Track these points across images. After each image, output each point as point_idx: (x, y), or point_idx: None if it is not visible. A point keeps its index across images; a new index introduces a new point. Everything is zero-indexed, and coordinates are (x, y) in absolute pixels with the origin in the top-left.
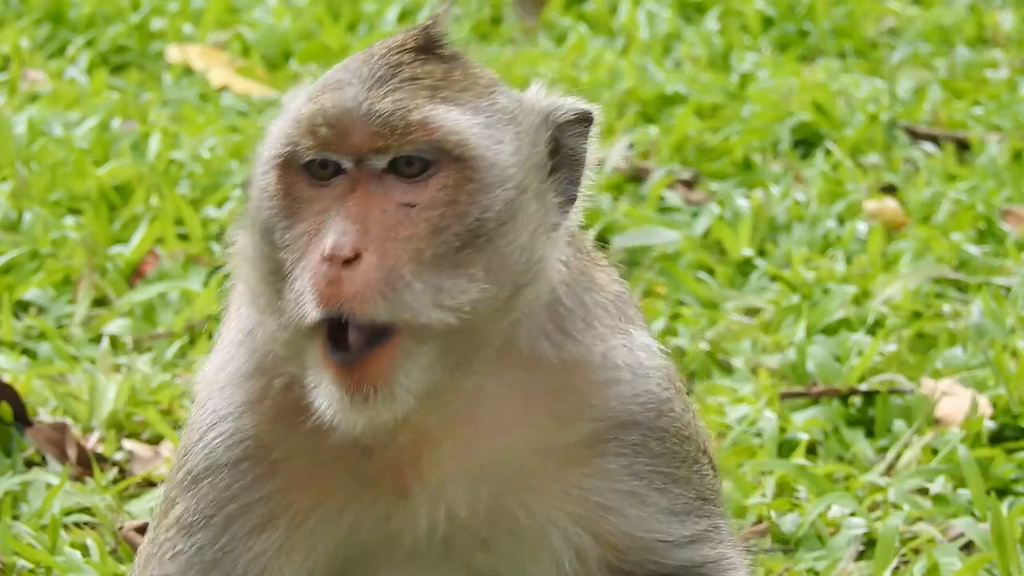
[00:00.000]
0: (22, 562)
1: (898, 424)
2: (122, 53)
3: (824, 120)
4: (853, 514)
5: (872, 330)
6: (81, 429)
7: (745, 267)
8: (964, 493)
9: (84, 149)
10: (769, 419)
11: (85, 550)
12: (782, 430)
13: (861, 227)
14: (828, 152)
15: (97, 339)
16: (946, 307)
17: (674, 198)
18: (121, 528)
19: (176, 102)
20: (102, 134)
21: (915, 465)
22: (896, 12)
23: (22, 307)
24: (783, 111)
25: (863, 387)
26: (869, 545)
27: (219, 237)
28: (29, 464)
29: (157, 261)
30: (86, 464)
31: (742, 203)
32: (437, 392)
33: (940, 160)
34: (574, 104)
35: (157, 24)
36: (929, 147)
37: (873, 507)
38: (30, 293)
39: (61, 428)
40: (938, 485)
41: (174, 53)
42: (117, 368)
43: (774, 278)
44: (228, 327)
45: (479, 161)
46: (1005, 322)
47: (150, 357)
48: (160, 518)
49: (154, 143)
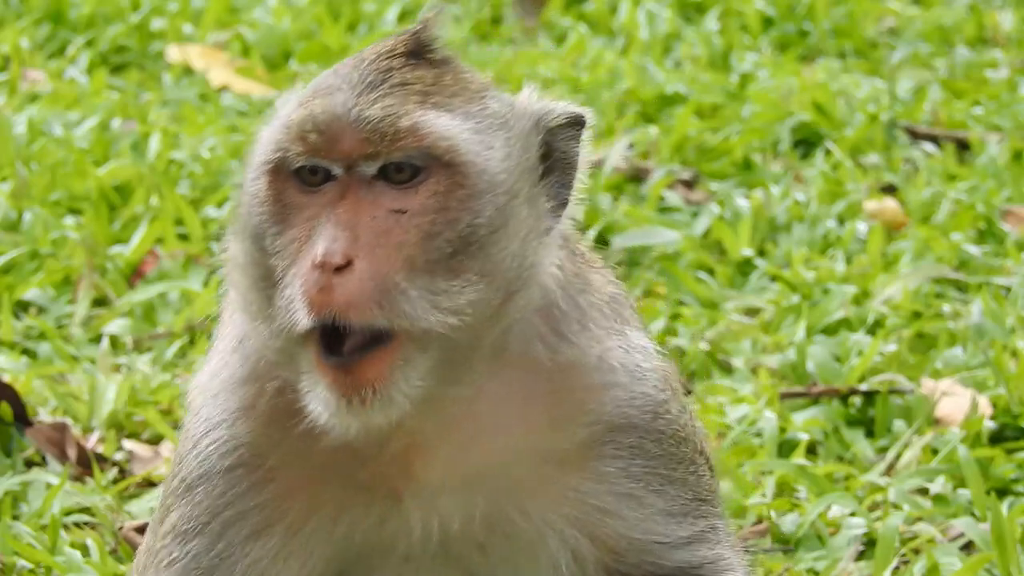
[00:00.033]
0: (22, 562)
1: (898, 424)
2: (122, 53)
3: (824, 120)
4: (853, 514)
5: (872, 330)
6: (81, 429)
7: (745, 267)
8: (964, 493)
9: (84, 149)
10: (769, 419)
11: (85, 550)
12: (782, 430)
13: (861, 227)
14: (828, 152)
15: (97, 339)
16: (946, 307)
17: (674, 198)
18: (121, 528)
19: (176, 102)
20: (102, 134)
21: (915, 465)
22: (896, 12)
23: (22, 307)
24: (783, 111)
25: (863, 387)
26: (869, 545)
27: (219, 237)
28: (29, 464)
29: (157, 261)
30: (86, 464)
31: (742, 203)
32: (429, 399)
33: (940, 160)
34: (566, 108)
35: (157, 24)
36: (929, 147)
37: (873, 507)
38: (30, 293)
39: (61, 428)
40: (938, 485)
41: (174, 53)
42: (117, 368)
43: (774, 278)
44: (221, 334)
45: (469, 167)
46: (1005, 322)
47: (150, 357)
48: (156, 527)
49: (154, 143)
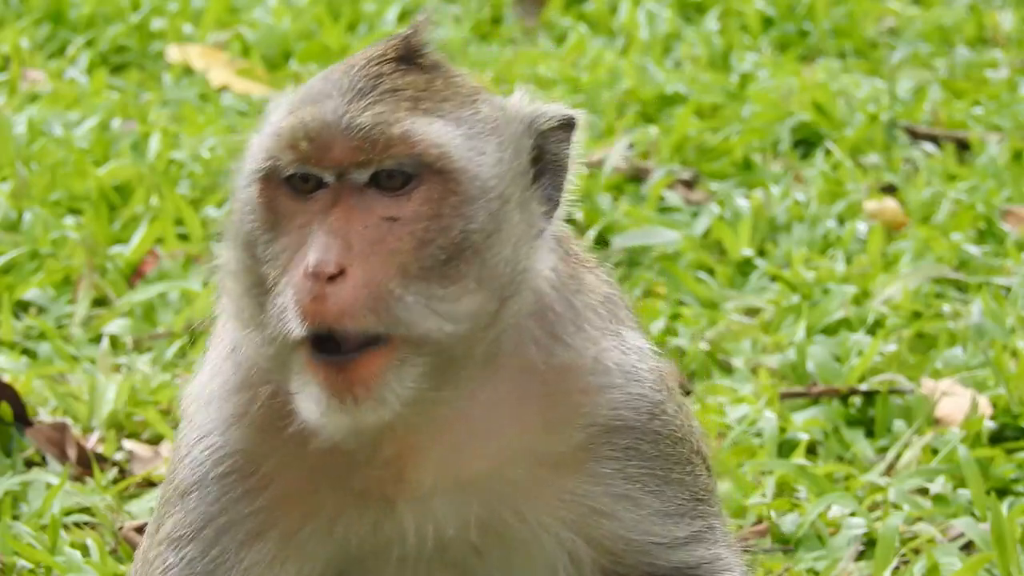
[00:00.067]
0: (22, 562)
1: (898, 424)
2: (122, 53)
3: (824, 120)
4: (853, 514)
5: (872, 330)
6: (81, 429)
7: (745, 267)
8: (964, 493)
9: (84, 149)
10: (769, 419)
11: (85, 550)
12: (782, 430)
13: (861, 227)
14: (828, 152)
15: (97, 339)
16: (946, 307)
17: (674, 198)
18: (121, 528)
19: (176, 102)
20: (102, 134)
21: (915, 465)
22: (896, 12)
23: (22, 307)
24: (783, 111)
25: (863, 387)
26: (869, 545)
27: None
28: (29, 464)
29: (157, 261)
30: (86, 464)
31: (742, 203)
32: (421, 403)
33: (940, 160)
34: (557, 110)
35: (157, 24)
36: (929, 147)
37: (873, 507)
38: (30, 293)
39: (61, 428)
40: (938, 485)
41: (174, 53)
42: (117, 368)
43: (774, 278)
44: (215, 342)
45: (461, 173)
46: (1005, 322)
47: (150, 357)
48: (151, 535)
49: (154, 143)
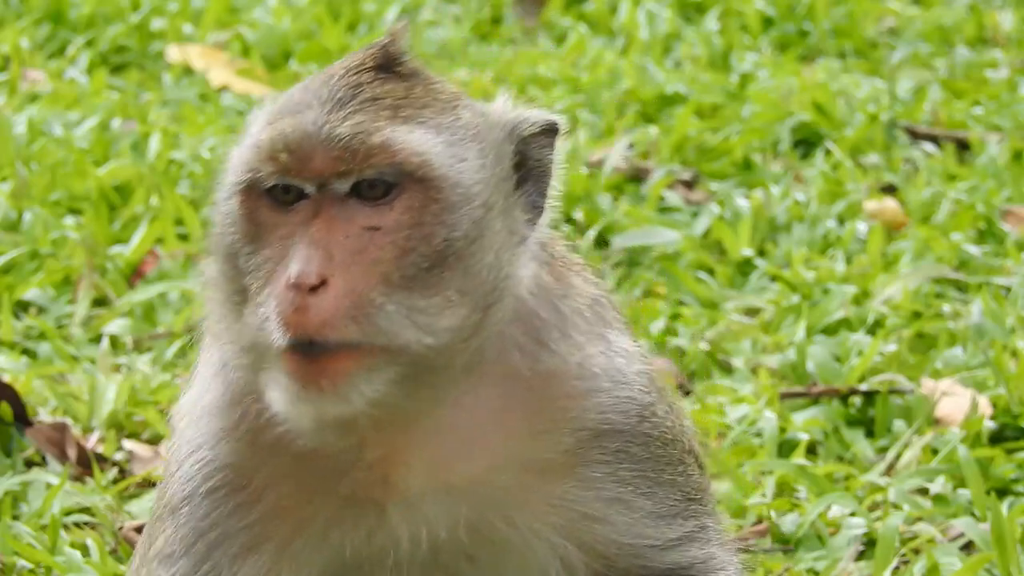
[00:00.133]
0: (22, 562)
1: (898, 424)
2: (122, 53)
3: (824, 120)
4: (853, 514)
5: (872, 330)
6: (81, 429)
7: (745, 267)
8: (964, 493)
9: (84, 149)
10: (769, 419)
11: (85, 550)
12: (782, 430)
13: (861, 227)
14: (828, 152)
15: (97, 339)
16: (946, 307)
17: (674, 198)
18: (121, 528)
19: (176, 102)
20: (102, 134)
21: (915, 465)
22: (896, 12)
23: (22, 307)
24: (783, 111)
25: (863, 387)
26: (869, 545)
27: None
28: (29, 464)
29: (157, 261)
30: (86, 464)
31: (742, 203)
32: (400, 408)
33: (940, 160)
34: (539, 116)
35: (157, 24)
36: (929, 147)
37: (873, 507)
38: (30, 293)
39: (61, 428)
40: (938, 485)
41: (174, 53)
42: (117, 368)
43: (774, 278)
44: (204, 358)
45: (443, 181)
46: (1005, 322)
47: (150, 357)
48: (143, 554)
49: (154, 143)
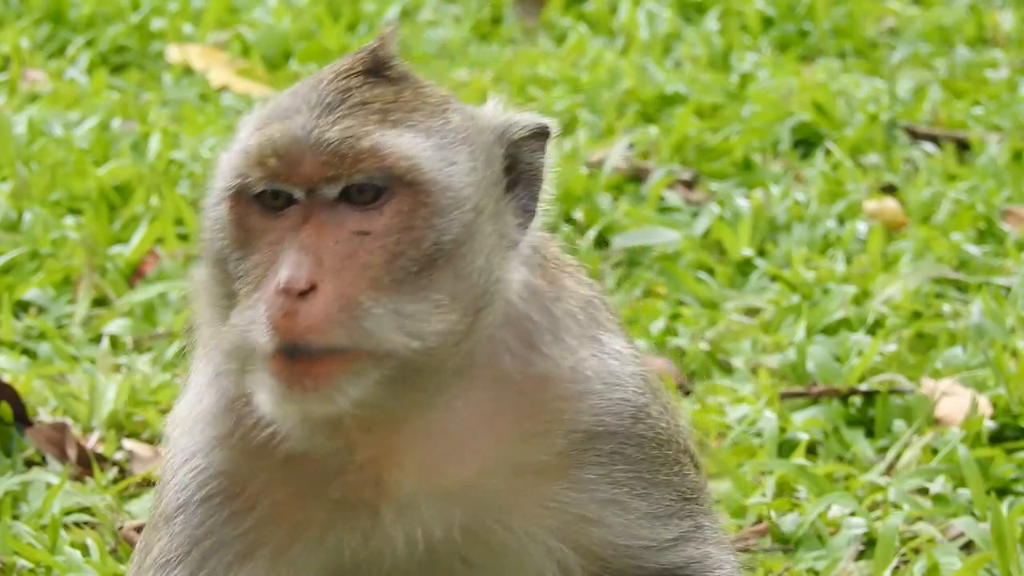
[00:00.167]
0: (22, 562)
1: (898, 424)
2: (122, 53)
3: (824, 120)
4: (853, 514)
5: (872, 330)
6: (81, 429)
7: (745, 267)
8: (964, 493)
9: (84, 149)
10: (769, 419)
11: (85, 550)
12: (782, 430)
13: (861, 227)
14: (828, 152)
15: (97, 339)
16: (946, 307)
17: (674, 198)
18: (121, 528)
19: (176, 102)
20: (102, 134)
21: (915, 465)
22: (896, 12)
23: (22, 307)
24: (783, 111)
25: (863, 387)
26: (869, 545)
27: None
28: (29, 464)
29: (157, 261)
30: (86, 464)
31: (742, 203)
32: (388, 409)
33: (940, 160)
34: (529, 119)
35: (157, 24)
36: (929, 147)
37: (873, 507)
38: (30, 293)
39: (61, 428)
40: (938, 485)
41: (174, 53)
42: (117, 368)
43: (774, 278)
44: (198, 367)
45: (432, 185)
46: (1005, 322)
47: (150, 357)
48: (139, 564)
49: (154, 143)
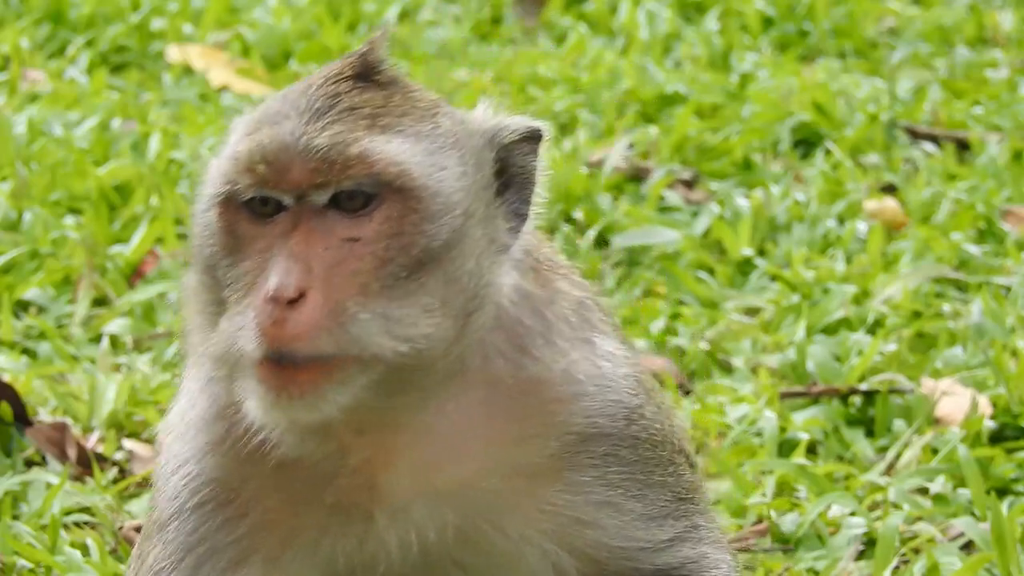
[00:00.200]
0: (22, 562)
1: (898, 424)
2: (122, 53)
3: (824, 120)
4: (853, 514)
5: (872, 330)
6: (81, 429)
7: (745, 267)
8: (964, 493)
9: (84, 149)
10: (769, 419)
11: (85, 550)
12: (782, 430)
13: (861, 227)
14: (828, 152)
15: (97, 339)
16: (946, 307)
17: (674, 198)
18: (121, 528)
19: (176, 102)
20: (102, 134)
21: (915, 465)
22: (896, 12)
23: (22, 307)
24: (783, 111)
25: (863, 387)
26: (869, 545)
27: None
28: (29, 464)
29: (157, 261)
30: (86, 464)
31: (742, 203)
32: (378, 413)
33: (940, 160)
34: (520, 123)
35: (157, 24)
36: (929, 147)
37: (873, 507)
38: (30, 293)
39: (61, 428)
40: (938, 485)
41: (174, 53)
42: (117, 368)
43: (774, 278)
44: (190, 374)
45: (422, 191)
46: (1005, 322)
47: (150, 357)
48: (134, 572)
49: (154, 143)
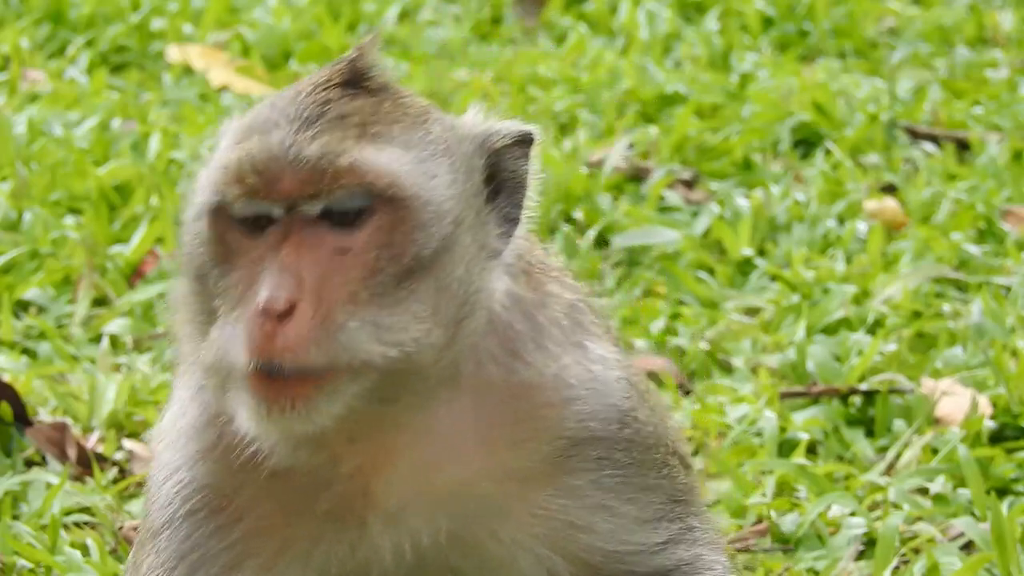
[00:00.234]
0: (22, 562)
1: (898, 424)
2: (122, 53)
3: (824, 120)
4: (853, 514)
5: (872, 330)
6: (81, 429)
7: (745, 267)
8: (964, 493)
9: (84, 149)
10: (769, 419)
11: (85, 550)
12: (782, 430)
13: (861, 227)
14: (828, 152)
15: (97, 339)
16: (946, 307)
17: (674, 198)
18: (121, 528)
19: (176, 102)
20: (102, 134)
21: (915, 465)
22: (896, 12)
23: (22, 307)
24: (783, 111)
25: (863, 387)
26: (869, 545)
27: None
28: (29, 464)
29: (157, 261)
30: (86, 464)
31: (742, 203)
32: (370, 420)
33: (940, 160)
34: (510, 127)
35: (157, 24)
36: (929, 147)
37: (873, 507)
38: (30, 293)
39: (61, 428)
40: (938, 485)
41: (174, 53)
42: (117, 368)
43: (774, 278)
44: (181, 381)
45: (413, 201)
46: (1005, 322)
47: (150, 357)
48: None
49: (154, 143)
